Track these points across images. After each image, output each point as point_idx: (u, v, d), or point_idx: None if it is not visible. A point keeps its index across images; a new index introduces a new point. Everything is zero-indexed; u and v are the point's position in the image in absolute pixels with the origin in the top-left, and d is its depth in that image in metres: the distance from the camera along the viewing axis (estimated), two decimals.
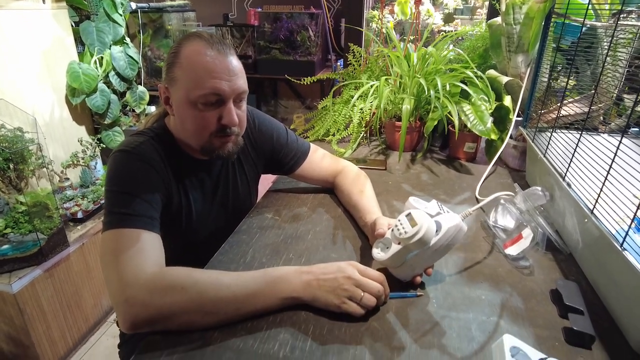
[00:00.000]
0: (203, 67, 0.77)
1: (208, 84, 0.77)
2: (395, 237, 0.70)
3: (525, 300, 0.72)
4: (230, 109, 0.80)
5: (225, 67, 0.78)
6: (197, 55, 0.77)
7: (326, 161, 1.09)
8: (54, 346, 1.60)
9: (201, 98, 0.77)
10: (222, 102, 0.80)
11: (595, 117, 1.08)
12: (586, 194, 0.76)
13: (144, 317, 0.61)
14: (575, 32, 0.99)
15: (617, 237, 0.64)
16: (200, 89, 0.77)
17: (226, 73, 0.78)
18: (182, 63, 0.78)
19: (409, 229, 0.67)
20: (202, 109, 0.79)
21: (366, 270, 0.68)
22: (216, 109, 0.80)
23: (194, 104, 0.78)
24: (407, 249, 0.69)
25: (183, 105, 0.79)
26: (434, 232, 0.68)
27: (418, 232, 0.66)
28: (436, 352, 0.61)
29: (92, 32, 1.92)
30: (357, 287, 0.66)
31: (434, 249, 0.69)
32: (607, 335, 0.64)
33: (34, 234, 1.49)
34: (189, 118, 0.80)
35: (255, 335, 0.63)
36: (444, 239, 0.68)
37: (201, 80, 0.77)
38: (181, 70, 0.78)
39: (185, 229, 0.90)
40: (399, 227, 0.69)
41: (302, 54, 2.96)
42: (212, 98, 0.78)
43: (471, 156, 1.37)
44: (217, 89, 0.77)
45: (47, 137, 1.78)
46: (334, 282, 0.66)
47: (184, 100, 0.79)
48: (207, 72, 0.77)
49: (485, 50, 1.51)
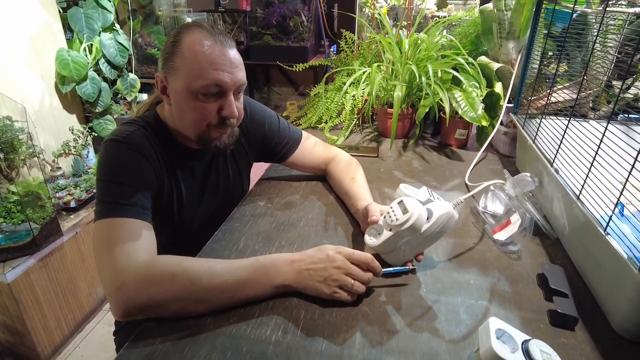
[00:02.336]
0: (205, 58, 0.76)
1: (210, 75, 0.76)
2: (387, 224, 0.71)
3: (512, 284, 0.74)
4: (230, 101, 0.80)
5: (227, 59, 0.78)
6: (199, 46, 0.76)
7: (318, 149, 1.10)
8: (49, 334, 1.61)
9: (202, 89, 0.77)
10: (222, 93, 0.80)
11: (585, 103, 1.09)
12: (573, 180, 0.78)
13: (136, 305, 0.62)
14: (566, 19, 0.99)
15: (601, 222, 0.65)
16: (202, 79, 0.76)
17: (228, 65, 0.78)
18: (183, 53, 0.77)
19: (401, 216, 0.69)
20: (202, 99, 0.79)
21: (353, 255, 0.68)
22: (216, 101, 0.80)
23: (195, 94, 0.78)
24: (399, 236, 0.70)
25: (183, 96, 0.79)
26: (425, 219, 0.69)
27: (409, 219, 0.67)
28: (425, 335, 0.62)
29: (81, 18, 1.89)
30: (347, 277, 0.66)
31: (425, 236, 0.70)
32: (590, 317, 0.66)
33: (27, 224, 1.49)
34: (188, 108, 0.80)
35: (247, 321, 0.64)
36: (435, 226, 0.70)
37: (203, 71, 0.76)
38: (182, 60, 0.77)
39: (177, 217, 0.90)
40: (391, 214, 0.70)
41: (294, 40, 2.93)
42: (213, 89, 0.78)
43: (462, 143, 1.38)
44: (219, 81, 0.77)
45: (37, 126, 1.76)
46: (325, 272, 0.67)
47: (184, 90, 0.78)
48: (209, 63, 0.76)
49: (477, 36, 1.51)
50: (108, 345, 1.70)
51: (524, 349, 0.53)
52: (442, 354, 0.59)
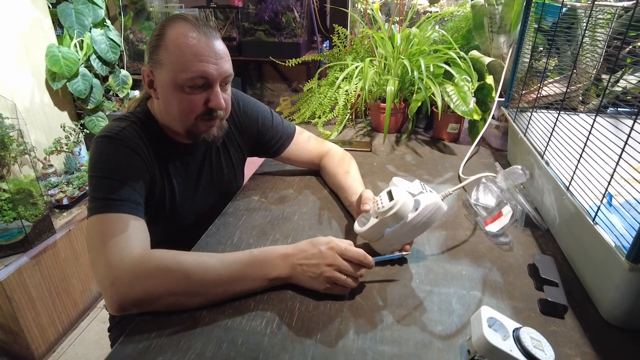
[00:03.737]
0: (190, 50, 0.76)
1: (195, 67, 0.76)
2: (375, 211, 0.73)
3: (504, 275, 0.75)
4: (217, 93, 0.80)
5: (212, 51, 0.78)
6: (183, 38, 0.76)
7: (312, 143, 1.10)
8: (43, 332, 1.60)
9: (188, 81, 0.77)
10: (208, 85, 0.79)
11: (575, 97, 1.10)
12: (563, 172, 0.79)
13: (130, 299, 0.62)
14: (556, 13, 1.00)
15: (590, 213, 0.67)
16: (188, 72, 0.76)
17: (213, 56, 0.78)
18: (167, 46, 0.77)
19: (387, 203, 0.70)
20: (188, 92, 0.78)
21: (346, 252, 0.67)
22: (202, 93, 0.80)
23: (181, 87, 0.78)
24: (384, 223, 0.72)
25: (169, 89, 0.79)
26: (410, 207, 0.70)
27: (394, 206, 0.69)
28: (418, 325, 0.63)
29: (71, 14, 1.87)
30: (339, 274, 0.66)
31: (411, 225, 0.71)
32: (579, 305, 0.67)
33: (19, 221, 1.48)
34: (174, 101, 0.80)
35: (243, 313, 0.64)
36: (421, 216, 0.71)
37: (188, 63, 0.76)
38: (167, 53, 0.77)
39: (170, 213, 0.90)
40: (378, 202, 0.72)
41: (287, 36, 2.93)
42: (199, 81, 0.78)
43: (455, 137, 1.39)
44: (205, 72, 0.77)
45: (28, 123, 1.74)
46: (317, 269, 0.66)
47: (170, 83, 0.78)
48: (194, 56, 0.76)
49: (468, 31, 1.51)
50: (103, 342, 1.70)
51: (515, 336, 0.54)
52: (435, 342, 0.60)
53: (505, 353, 0.51)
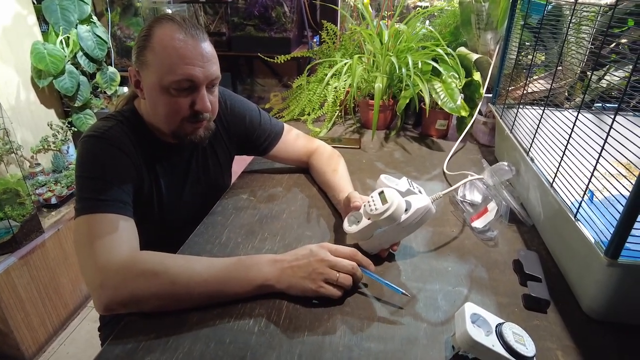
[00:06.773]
0: (176, 53, 0.75)
1: (181, 70, 0.75)
2: (367, 212, 0.73)
3: (489, 271, 0.76)
4: (203, 95, 0.80)
5: (198, 53, 0.77)
6: (169, 40, 0.75)
7: (300, 141, 1.10)
8: (33, 333, 1.59)
9: (174, 84, 0.76)
10: (195, 88, 0.79)
11: (560, 93, 1.12)
12: (547, 168, 0.80)
13: (117, 301, 0.63)
14: (541, 10, 1.01)
15: (572, 209, 0.68)
16: (173, 74, 0.75)
17: (199, 59, 0.77)
18: (154, 47, 0.76)
19: (380, 206, 0.70)
20: (174, 94, 0.78)
21: (337, 250, 0.69)
22: (189, 95, 0.79)
23: (167, 89, 0.77)
24: (376, 225, 0.72)
25: (155, 90, 0.78)
26: (403, 210, 0.71)
27: (388, 209, 0.69)
28: (404, 321, 0.64)
29: (56, 10, 1.84)
30: (331, 269, 0.66)
31: (402, 227, 0.72)
32: (561, 300, 0.69)
33: (6, 221, 1.47)
34: (160, 103, 0.79)
35: (231, 312, 0.65)
36: (412, 218, 0.72)
37: (174, 66, 0.75)
38: (153, 54, 0.76)
39: (158, 212, 0.90)
40: (371, 203, 0.72)
41: (277, 31, 2.91)
42: (185, 84, 0.77)
43: (443, 133, 1.40)
44: (191, 75, 0.76)
45: (14, 122, 1.72)
46: (308, 267, 0.66)
47: (156, 85, 0.77)
48: (180, 58, 0.75)
49: (456, 27, 1.52)
50: (93, 342, 1.69)
51: (497, 331, 0.55)
52: (420, 339, 0.61)
53: (488, 348, 0.53)
